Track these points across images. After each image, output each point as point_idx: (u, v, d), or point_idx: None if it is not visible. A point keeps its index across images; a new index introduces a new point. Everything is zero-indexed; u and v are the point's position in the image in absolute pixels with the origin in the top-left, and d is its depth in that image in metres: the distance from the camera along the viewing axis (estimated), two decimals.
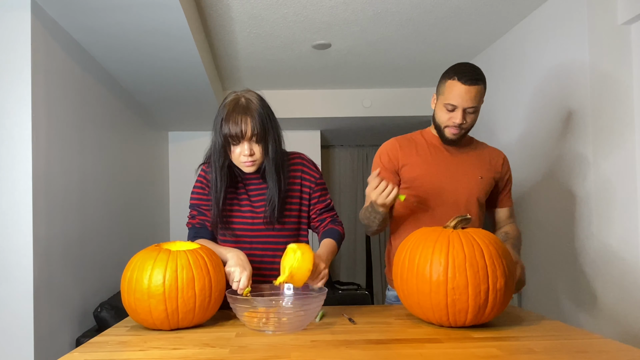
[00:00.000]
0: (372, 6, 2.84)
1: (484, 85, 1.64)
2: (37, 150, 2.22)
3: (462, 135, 1.70)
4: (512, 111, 3.22)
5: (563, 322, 1.30)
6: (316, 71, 4.09)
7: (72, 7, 2.27)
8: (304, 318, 1.24)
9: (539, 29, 2.89)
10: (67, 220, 2.56)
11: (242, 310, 1.24)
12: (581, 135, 2.51)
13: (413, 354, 1.03)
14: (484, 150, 1.81)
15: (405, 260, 1.26)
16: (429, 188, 1.70)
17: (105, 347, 1.13)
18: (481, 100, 1.65)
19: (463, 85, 1.59)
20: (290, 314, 1.26)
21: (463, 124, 1.64)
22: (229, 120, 1.41)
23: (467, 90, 1.59)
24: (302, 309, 1.24)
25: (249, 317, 1.24)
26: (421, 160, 1.72)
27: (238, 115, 1.41)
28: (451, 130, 1.67)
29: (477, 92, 1.61)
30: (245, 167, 1.47)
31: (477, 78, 1.61)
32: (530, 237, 3.00)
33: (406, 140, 1.78)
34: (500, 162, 1.79)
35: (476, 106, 1.64)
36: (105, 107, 3.25)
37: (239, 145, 1.44)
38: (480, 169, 1.74)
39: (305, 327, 1.26)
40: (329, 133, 5.71)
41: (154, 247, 1.32)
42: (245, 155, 1.43)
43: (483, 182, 1.72)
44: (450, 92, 1.62)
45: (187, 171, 5.36)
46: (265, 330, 1.23)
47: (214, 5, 2.77)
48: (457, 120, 1.63)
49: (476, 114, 1.67)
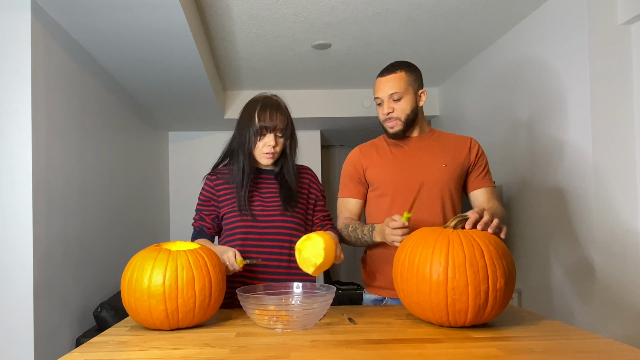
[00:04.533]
0: (372, 6, 2.84)
1: (404, 71, 1.69)
2: (37, 150, 2.22)
3: (403, 128, 1.71)
4: (512, 111, 3.22)
5: (563, 322, 1.30)
6: (316, 71, 4.09)
7: (72, 7, 2.27)
8: (313, 316, 1.27)
9: (539, 29, 2.89)
10: (67, 220, 2.56)
11: (253, 308, 1.26)
12: (581, 136, 2.51)
13: (413, 354, 1.03)
14: (448, 139, 1.79)
15: (405, 260, 1.26)
16: (392, 184, 1.73)
17: (105, 347, 1.13)
18: (405, 86, 1.68)
19: (380, 78, 1.71)
20: (300, 312, 1.27)
21: (392, 112, 1.69)
22: (264, 112, 1.57)
23: (384, 80, 1.69)
24: (311, 307, 1.26)
25: (260, 315, 1.25)
26: (382, 160, 1.77)
27: (272, 109, 1.58)
28: (387, 123, 1.72)
29: (395, 79, 1.68)
30: (266, 157, 1.59)
31: (393, 68, 1.70)
32: (530, 237, 3.00)
33: (367, 146, 1.85)
34: (466, 147, 1.77)
35: (398, 92, 1.67)
36: (105, 107, 3.25)
37: (265, 137, 1.57)
38: (444, 157, 1.73)
39: (314, 324, 1.28)
40: (329, 133, 5.71)
41: (154, 247, 1.32)
42: (270, 145, 1.57)
43: (448, 170, 1.71)
44: (375, 89, 1.74)
45: (187, 171, 5.36)
46: (275, 328, 1.25)
47: (214, 5, 2.77)
48: (385, 110, 1.70)
49: (405, 100, 1.68)
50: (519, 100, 3.13)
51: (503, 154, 3.35)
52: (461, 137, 1.81)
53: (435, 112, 4.72)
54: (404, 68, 1.69)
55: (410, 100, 1.69)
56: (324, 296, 1.30)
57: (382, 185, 1.75)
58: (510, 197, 3.23)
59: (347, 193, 1.82)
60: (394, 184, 1.73)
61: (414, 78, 1.70)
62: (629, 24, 2.42)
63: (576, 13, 2.53)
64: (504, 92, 3.33)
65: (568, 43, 2.60)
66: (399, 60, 1.75)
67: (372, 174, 1.77)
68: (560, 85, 2.68)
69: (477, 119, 3.78)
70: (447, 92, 4.48)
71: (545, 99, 2.82)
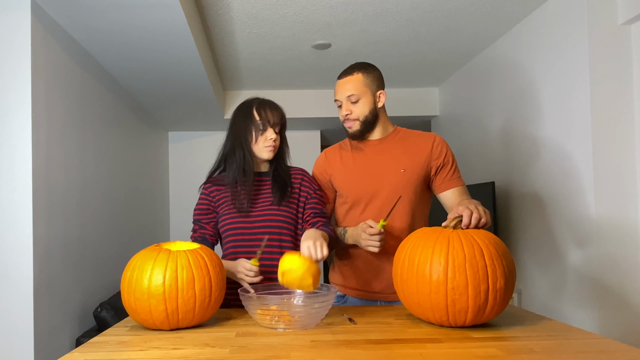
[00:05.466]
0: (372, 6, 2.84)
1: (361, 73, 1.68)
2: (37, 150, 2.22)
3: (361, 128, 1.71)
4: (512, 111, 3.22)
5: (563, 322, 1.30)
6: (316, 71, 4.09)
7: (72, 7, 2.27)
8: (315, 315, 1.27)
9: (539, 29, 2.89)
10: (67, 220, 2.56)
11: (255, 307, 1.27)
12: (581, 135, 2.51)
13: (413, 354, 1.03)
14: (411, 139, 1.75)
15: (405, 261, 1.26)
16: (352, 192, 1.73)
17: (105, 347, 1.13)
18: (362, 88, 1.67)
19: (339, 80, 1.73)
20: (302, 311, 1.28)
21: (349, 113, 1.69)
22: (263, 108, 1.63)
23: (342, 82, 1.71)
24: (313, 306, 1.27)
25: (262, 315, 1.26)
26: (344, 168, 1.77)
27: (270, 106, 1.65)
28: (346, 124, 1.73)
29: (352, 81, 1.68)
30: (268, 151, 1.63)
31: (350, 70, 1.70)
32: (530, 237, 3.00)
33: (333, 150, 1.85)
34: (428, 146, 1.71)
35: (355, 94, 1.67)
36: (105, 107, 3.25)
37: (267, 131, 1.62)
38: (403, 161, 1.70)
39: (316, 324, 1.29)
40: (329, 133, 5.71)
41: (154, 247, 1.32)
42: (271, 139, 1.62)
43: (407, 174, 1.69)
44: (334, 91, 1.75)
45: (187, 171, 5.36)
46: (277, 328, 1.25)
47: (214, 5, 2.77)
48: (342, 112, 1.71)
49: (363, 102, 1.68)
50: (519, 101, 3.13)
51: (502, 153, 3.35)
52: (424, 135, 1.76)
53: (435, 112, 4.72)
54: (361, 70, 1.69)
55: (368, 101, 1.68)
56: (326, 296, 1.31)
57: (345, 193, 1.76)
58: (510, 196, 3.23)
59: None
60: (353, 192, 1.74)
61: (371, 79, 1.69)
62: (629, 24, 2.42)
63: (576, 13, 2.53)
64: (504, 92, 3.33)
65: (568, 43, 2.60)
66: (358, 62, 1.75)
67: (336, 182, 1.78)
68: (560, 85, 2.68)
69: (477, 119, 3.78)
70: (447, 92, 4.48)
71: (545, 99, 2.82)
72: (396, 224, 1.67)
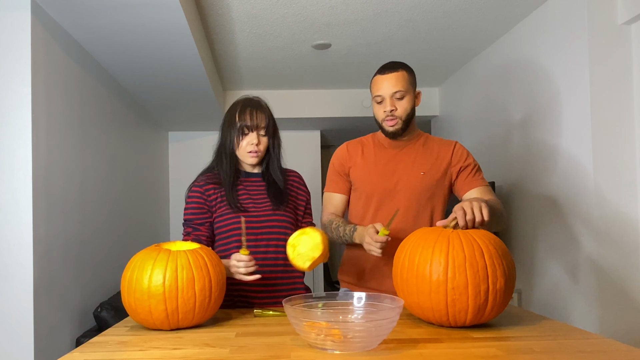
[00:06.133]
0: (372, 6, 2.84)
1: (405, 71, 1.69)
2: (37, 150, 2.22)
3: (402, 127, 1.71)
4: (512, 111, 3.22)
5: (563, 322, 1.30)
6: (316, 71, 4.09)
7: (72, 7, 2.27)
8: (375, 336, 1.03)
9: (539, 29, 2.89)
10: (67, 220, 2.56)
11: (301, 321, 1.04)
12: (581, 135, 2.51)
13: (413, 354, 1.03)
14: (433, 145, 1.79)
15: (405, 260, 1.26)
16: (369, 187, 1.75)
17: (105, 347, 1.13)
18: (407, 85, 1.68)
19: (382, 75, 1.70)
20: (359, 330, 1.04)
21: (394, 110, 1.68)
22: (245, 111, 1.60)
23: (386, 78, 1.69)
24: (373, 324, 1.04)
25: (308, 330, 1.04)
26: (364, 163, 1.78)
27: (252, 109, 1.60)
28: (388, 122, 1.70)
29: (398, 77, 1.67)
30: (250, 157, 1.61)
31: (394, 66, 1.69)
32: (530, 237, 3.00)
33: (355, 144, 1.85)
34: (449, 152, 1.76)
35: (401, 90, 1.67)
36: (105, 107, 3.25)
37: (248, 136, 1.59)
38: (424, 165, 1.73)
39: (375, 345, 1.05)
40: (329, 133, 5.71)
41: (154, 247, 1.32)
42: (253, 144, 1.59)
43: (425, 178, 1.72)
44: (375, 86, 1.72)
45: (187, 171, 5.34)
46: (327, 349, 1.03)
47: (214, 5, 2.77)
48: (387, 108, 1.68)
49: (407, 100, 1.69)
50: (519, 101, 3.13)
51: (502, 153, 3.35)
52: (445, 141, 1.81)
53: (435, 112, 4.71)
54: (405, 68, 1.71)
55: (411, 99, 1.70)
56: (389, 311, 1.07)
57: (360, 187, 1.77)
58: (510, 196, 3.23)
59: (333, 188, 1.84)
60: (370, 188, 1.75)
61: (413, 79, 1.72)
62: (629, 24, 2.42)
63: (576, 13, 2.53)
64: (504, 92, 3.33)
65: (568, 43, 2.60)
66: (395, 61, 1.75)
67: (354, 175, 1.79)
68: (560, 85, 2.68)
69: (477, 119, 3.78)
70: (447, 92, 4.48)
71: (545, 99, 2.82)
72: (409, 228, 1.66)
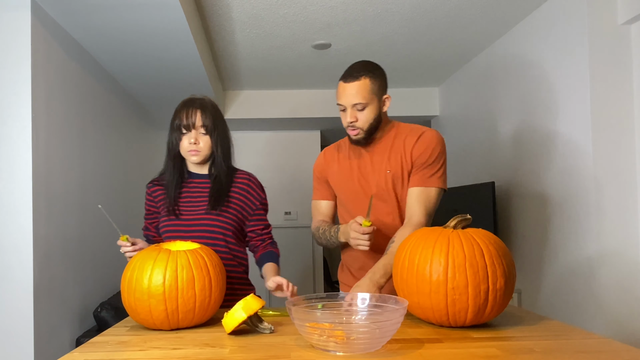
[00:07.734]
0: (372, 6, 2.84)
1: (369, 78, 1.57)
2: (37, 150, 2.22)
3: (365, 136, 1.64)
4: (512, 111, 3.22)
5: (563, 322, 1.30)
6: (316, 71, 4.09)
7: (72, 7, 2.27)
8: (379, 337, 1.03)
9: (539, 29, 2.89)
10: (67, 220, 2.56)
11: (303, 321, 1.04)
12: (581, 135, 2.51)
13: (413, 354, 1.03)
14: (401, 137, 1.67)
15: (405, 260, 1.26)
16: (344, 194, 1.75)
17: (105, 347, 1.13)
18: (369, 95, 1.57)
19: (344, 83, 1.60)
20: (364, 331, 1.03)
21: (354, 121, 1.60)
22: (182, 111, 1.60)
23: (347, 87, 1.58)
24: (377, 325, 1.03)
25: (311, 331, 1.04)
26: (340, 169, 1.76)
27: (189, 108, 1.60)
28: (350, 131, 1.64)
29: (359, 88, 1.56)
30: (190, 155, 1.60)
31: (357, 74, 1.57)
32: (530, 237, 3.00)
33: (331, 150, 1.82)
34: (412, 142, 1.64)
35: (361, 102, 1.57)
36: (105, 107, 3.25)
37: (186, 135, 1.59)
38: (390, 162, 1.65)
39: (379, 347, 1.06)
40: (329, 133, 5.71)
41: (154, 247, 1.32)
42: (191, 143, 1.58)
43: (391, 176, 1.65)
44: (337, 93, 1.63)
45: None
46: (329, 350, 1.03)
47: (214, 5, 2.77)
48: (347, 119, 1.60)
49: (369, 110, 1.59)
50: (519, 101, 3.13)
51: (502, 153, 3.35)
52: (414, 131, 1.67)
53: (435, 112, 4.72)
54: (368, 74, 1.58)
55: (374, 108, 1.60)
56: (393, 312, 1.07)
57: (339, 193, 1.78)
58: (510, 196, 3.23)
59: (319, 195, 1.84)
60: (345, 195, 1.75)
61: (378, 85, 1.60)
62: (629, 24, 2.42)
63: (576, 13, 2.53)
64: (504, 92, 3.33)
65: (568, 43, 2.60)
66: (363, 61, 1.63)
67: (332, 182, 1.79)
68: (560, 85, 2.68)
69: (477, 119, 3.78)
70: (447, 92, 4.48)
71: (546, 99, 2.82)
72: (389, 222, 1.67)
